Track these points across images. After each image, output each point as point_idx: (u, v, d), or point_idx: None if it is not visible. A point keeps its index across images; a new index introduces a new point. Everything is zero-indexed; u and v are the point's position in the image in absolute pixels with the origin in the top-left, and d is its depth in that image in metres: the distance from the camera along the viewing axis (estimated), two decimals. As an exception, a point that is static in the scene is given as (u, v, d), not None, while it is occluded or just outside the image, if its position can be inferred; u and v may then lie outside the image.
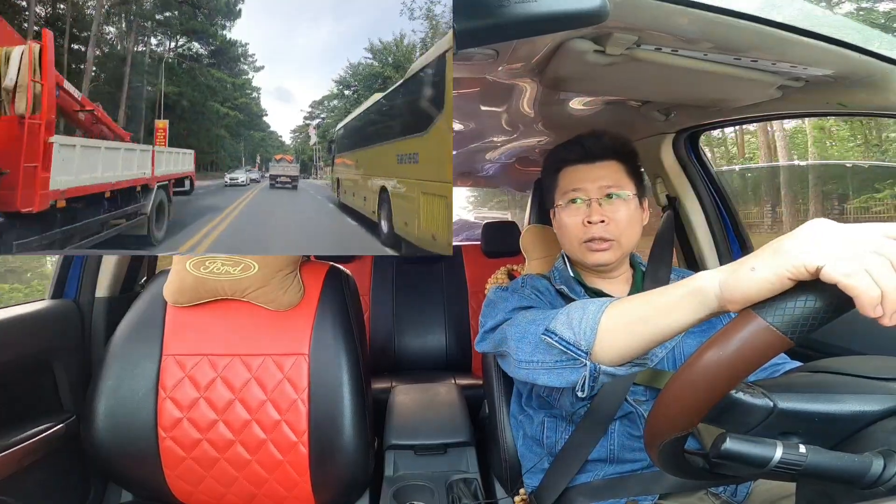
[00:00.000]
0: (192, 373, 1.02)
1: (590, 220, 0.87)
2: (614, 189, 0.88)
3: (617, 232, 0.87)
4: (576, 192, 0.90)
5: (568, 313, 0.65)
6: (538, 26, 0.47)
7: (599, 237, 0.87)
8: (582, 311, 0.62)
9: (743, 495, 0.85)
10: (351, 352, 1.02)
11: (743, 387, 0.49)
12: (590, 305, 0.62)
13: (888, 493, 0.42)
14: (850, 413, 0.48)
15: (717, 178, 1.41)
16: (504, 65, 0.90)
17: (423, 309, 2.14)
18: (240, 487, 1.02)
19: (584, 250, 0.89)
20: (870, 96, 0.80)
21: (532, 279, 0.96)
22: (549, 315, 0.69)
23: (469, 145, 1.84)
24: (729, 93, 0.97)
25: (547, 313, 0.71)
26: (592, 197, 0.88)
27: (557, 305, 0.90)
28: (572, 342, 0.62)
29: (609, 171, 0.90)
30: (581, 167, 0.91)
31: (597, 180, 0.89)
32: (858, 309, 0.38)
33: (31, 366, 1.09)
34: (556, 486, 0.87)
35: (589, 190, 0.89)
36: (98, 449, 1.00)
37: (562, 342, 0.63)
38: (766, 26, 0.65)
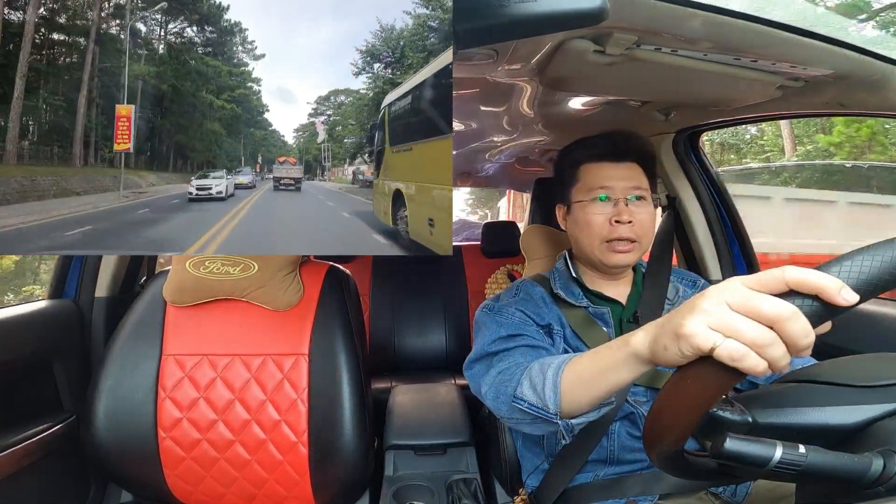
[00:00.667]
0: (192, 373, 1.02)
1: (618, 220, 0.86)
2: (641, 191, 0.88)
3: (641, 233, 0.87)
4: (603, 189, 0.87)
5: (530, 378, 0.68)
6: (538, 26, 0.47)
7: (627, 238, 0.86)
8: (542, 377, 0.66)
9: (743, 495, 0.84)
10: (351, 352, 1.02)
11: (722, 404, 0.50)
12: (548, 370, 0.65)
13: (888, 493, 0.42)
14: (828, 425, 0.48)
15: (717, 178, 1.41)
16: (504, 65, 0.90)
17: (423, 309, 2.14)
18: (240, 487, 1.02)
19: (605, 250, 0.87)
20: (870, 96, 0.79)
21: (528, 286, 0.95)
22: (517, 375, 0.71)
23: (469, 145, 1.85)
24: (729, 93, 0.96)
25: (516, 369, 0.73)
26: (620, 196, 0.87)
27: (552, 314, 0.90)
28: (540, 406, 0.66)
29: (635, 172, 0.89)
30: (608, 165, 0.89)
31: (624, 179, 0.87)
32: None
33: (31, 366, 1.09)
34: (555, 486, 0.87)
35: (616, 189, 0.87)
36: (98, 449, 1.00)
37: (531, 408, 0.67)
38: (766, 26, 0.65)
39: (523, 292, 0.94)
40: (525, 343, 0.81)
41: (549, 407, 0.64)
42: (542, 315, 0.89)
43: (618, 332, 0.90)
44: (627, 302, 0.93)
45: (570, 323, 0.89)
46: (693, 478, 0.56)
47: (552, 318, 0.89)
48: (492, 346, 0.82)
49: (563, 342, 0.88)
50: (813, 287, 0.37)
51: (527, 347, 0.80)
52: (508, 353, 0.79)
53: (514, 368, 0.74)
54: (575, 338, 0.89)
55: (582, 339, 0.88)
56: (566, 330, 0.89)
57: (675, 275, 0.97)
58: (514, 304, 0.90)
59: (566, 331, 0.89)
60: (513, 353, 0.79)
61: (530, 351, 0.79)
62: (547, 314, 0.90)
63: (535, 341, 0.82)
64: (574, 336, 0.89)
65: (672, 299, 0.92)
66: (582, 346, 0.88)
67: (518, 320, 0.86)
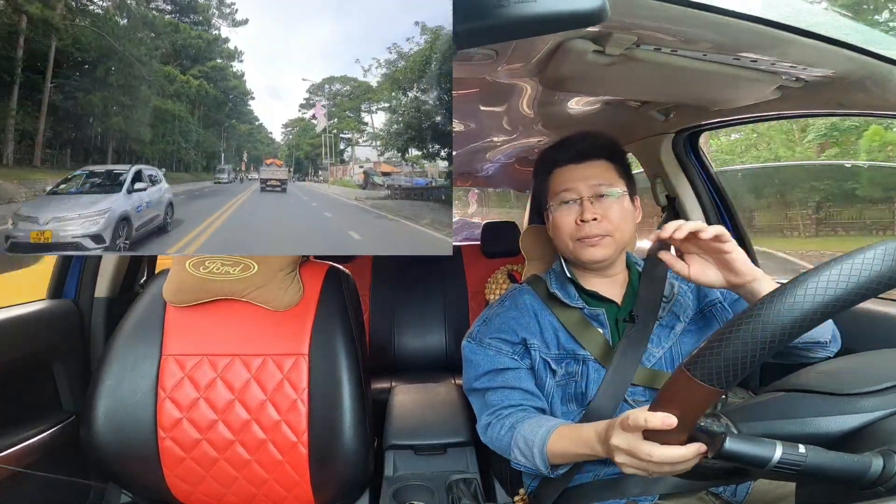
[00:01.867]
0: (192, 373, 1.02)
1: (582, 219, 0.88)
2: (605, 188, 0.89)
3: (611, 227, 0.88)
4: (567, 192, 0.90)
5: (520, 448, 0.82)
6: (537, 26, 0.47)
7: (595, 234, 0.88)
8: (529, 449, 0.81)
9: (743, 495, 0.85)
10: (350, 352, 1.02)
11: (707, 417, 0.52)
12: (534, 448, 0.80)
13: (888, 493, 0.42)
14: (810, 434, 0.49)
15: (716, 178, 1.41)
16: (504, 65, 0.90)
17: (423, 309, 2.14)
18: (239, 487, 1.02)
19: (577, 248, 0.90)
20: (870, 96, 0.79)
21: (518, 294, 0.97)
22: (506, 439, 0.85)
23: (469, 145, 1.85)
24: (729, 93, 0.96)
25: (501, 428, 0.87)
26: (584, 196, 0.89)
27: (542, 321, 0.92)
28: (531, 466, 0.82)
29: (599, 169, 0.91)
30: (571, 167, 0.92)
31: (587, 179, 0.90)
32: None
33: (30, 366, 1.09)
34: (555, 486, 0.87)
35: (580, 189, 0.89)
36: (98, 449, 1.00)
37: (525, 467, 0.84)
38: (766, 26, 0.65)
39: (510, 301, 0.97)
40: (503, 384, 0.90)
41: (540, 467, 0.80)
42: (523, 326, 0.92)
43: (613, 332, 0.90)
44: (623, 301, 0.93)
45: (566, 325, 0.90)
46: (693, 478, 0.56)
47: (533, 329, 0.92)
48: (476, 383, 0.93)
49: (557, 347, 0.90)
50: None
51: (506, 389, 0.90)
52: (493, 393, 0.90)
53: (499, 426, 0.87)
54: (571, 340, 0.89)
55: (578, 341, 0.89)
56: (560, 333, 0.90)
57: (672, 274, 0.96)
58: (493, 326, 0.94)
59: (560, 333, 0.90)
60: (496, 393, 0.90)
61: (511, 392, 0.90)
62: (529, 325, 0.92)
63: (511, 379, 0.90)
64: (570, 339, 0.89)
65: (668, 297, 0.92)
66: (578, 348, 0.88)
67: (493, 353, 0.92)
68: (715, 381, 0.45)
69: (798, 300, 0.42)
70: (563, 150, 0.94)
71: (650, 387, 0.86)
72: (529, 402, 0.88)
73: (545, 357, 0.90)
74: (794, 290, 0.43)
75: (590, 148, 0.92)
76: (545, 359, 0.90)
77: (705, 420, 0.51)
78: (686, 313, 0.91)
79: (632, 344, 0.87)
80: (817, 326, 0.44)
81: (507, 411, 0.88)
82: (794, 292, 0.42)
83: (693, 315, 0.92)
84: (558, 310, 0.92)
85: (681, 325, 0.90)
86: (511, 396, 0.88)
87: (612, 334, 0.90)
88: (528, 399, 0.88)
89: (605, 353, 0.88)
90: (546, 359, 0.90)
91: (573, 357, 0.89)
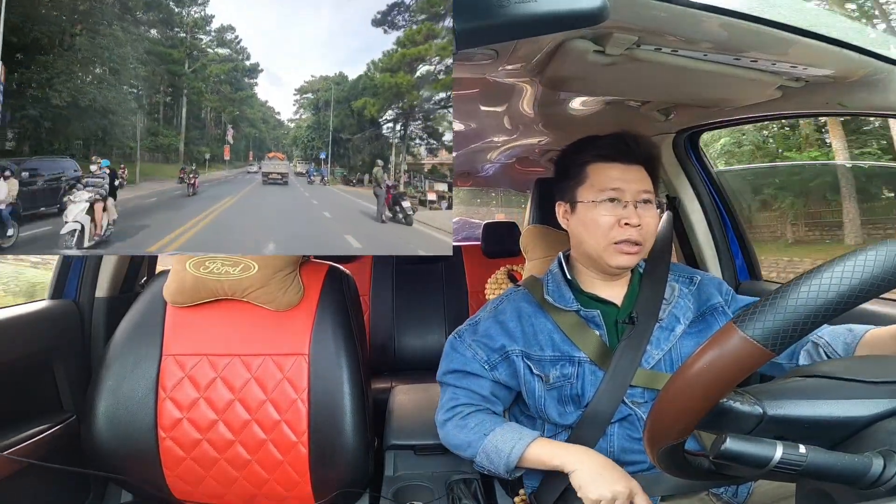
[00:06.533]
0: (192, 373, 1.02)
1: (628, 223, 0.85)
2: (649, 195, 0.88)
3: (647, 237, 0.87)
4: (616, 190, 0.87)
5: (487, 455, 0.86)
6: (538, 26, 0.47)
7: (634, 240, 0.86)
8: (497, 457, 0.84)
9: (744, 496, 0.84)
10: (351, 352, 1.02)
11: (733, 394, 0.50)
12: (500, 466, 0.85)
13: (888, 493, 0.42)
14: (839, 418, 0.48)
15: (716, 178, 1.41)
16: (504, 65, 0.90)
17: (423, 309, 2.14)
18: (240, 487, 1.02)
19: (612, 251, 0.87)
20: (870, 96, 0.79)
21: (510, 299, 0.97)
22: (475, 446, 0.88)
23: (469, 145, 1.84)
24: (729, 93, 0.96)
25: (468, 419, 0.91)
26: (630, 200, 0.87)
27: (540, 321, 0.92)
28: (493, 472, 0.87)
29: (643, 175, 0.89)
30: (618, 166, 0.89)
31: (634, 183, 0.88)
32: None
33: (31, 366, 1.09)
34: (555, 486, 0.87)
35: (626, 192, 0.87)
36: (98, 449, 1.00)
37: (489, 471, 0.88)
38: (766, 26, 0.65)
39: (504, 304, 0.97)
40: (466, 386, 0.93)
41: (502, 473, 0.85)
42: (506, 334, 0.92)
43: (611, 333, 0.90)
44: (623, 303, 0.93)
45: (562, 327, 0.90)
46: (693, 478, 0.56)
47: (518, 336, 0.92)
48: (445, 378, 0.96)
49: (552, 349, 0.90)
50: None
51: (467, 391, 0.93)
52: (456, 390, 0.94)
53: (459, 425, 0.91)
54: (566, 342, 0.89)
55: (575, 343, 0.89)
56: (556, 335, 0.90)
57: (673, 271, 0.96)
58: (479, 330, 0.96)
59: (556, 335, 0.90)
60: (459, 391, 0.93)
61: (471, 395, 0.93)
62: (513, 332, 0.92)
63: (473, 384, 0.93)
64: (565, 341, 0.89)
65: (668, 299, 0.91)
66: (574, 350, 0.88)
67: (470, 355, 0.93)
68: (770, 342, 0.42)
69: (869, 265, 0.40)
70: (609, 146, 0.90)
71: (649, 387, 0.86)
72: (487, 405, 0.92)
73: (529, 363, 0.90)
74: (863, 254, 0.41)
75: (639, 151, 0.90)
76: (529, 364, 0.90)
77: (730, 397, 0.50)
78: (686, 315, 0.91)
79: (631, 345, 0.86)
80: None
81: (467, 409, 0.92)
82: (864, 257, 0.41)
83: (693, 318, 0.91)
84: (554, 312, 0.91)
85: (681, 328, 0.90)
86: (471, 397, 0.93)
87: (609, 336, 0.89)
88: (484, 403, 0.92)
89: (601, 354, 0.87)
90: (531, 364, 0.90)
91: (568, 359, 0.88)
